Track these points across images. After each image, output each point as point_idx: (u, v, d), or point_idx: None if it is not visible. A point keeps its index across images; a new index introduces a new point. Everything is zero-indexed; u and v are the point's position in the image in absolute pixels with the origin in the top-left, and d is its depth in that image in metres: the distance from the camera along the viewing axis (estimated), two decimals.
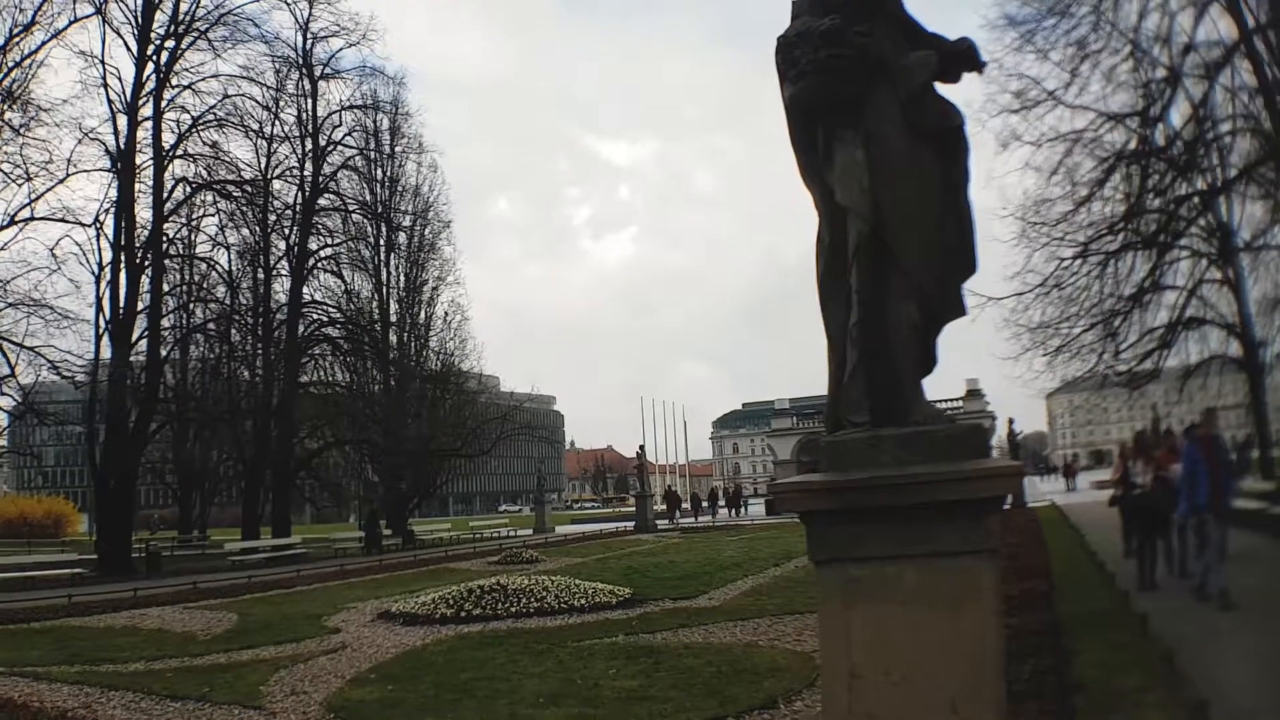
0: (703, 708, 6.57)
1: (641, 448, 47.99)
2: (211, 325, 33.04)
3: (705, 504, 52.88)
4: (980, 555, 3.16)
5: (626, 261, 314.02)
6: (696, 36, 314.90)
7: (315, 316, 35.07)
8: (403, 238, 41.78)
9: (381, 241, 40.52)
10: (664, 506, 49.59)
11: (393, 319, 41.01)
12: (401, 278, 41.75)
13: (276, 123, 33.46)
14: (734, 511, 52.11)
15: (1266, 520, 14.19)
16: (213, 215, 32.36)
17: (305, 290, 34.14)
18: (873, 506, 3.22)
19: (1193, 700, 5.35)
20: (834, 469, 3.38)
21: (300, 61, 34.43)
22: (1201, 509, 9.41)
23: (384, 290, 40.52)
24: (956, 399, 55.11)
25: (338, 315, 35.93)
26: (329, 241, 35.92)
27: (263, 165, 33.24)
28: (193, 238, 32.58)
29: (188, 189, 29.91)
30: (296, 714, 7.18)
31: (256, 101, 31.72)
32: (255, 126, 32.08)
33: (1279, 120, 17.16)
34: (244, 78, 30.49)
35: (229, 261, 33.79)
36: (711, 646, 9.27)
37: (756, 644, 9.27)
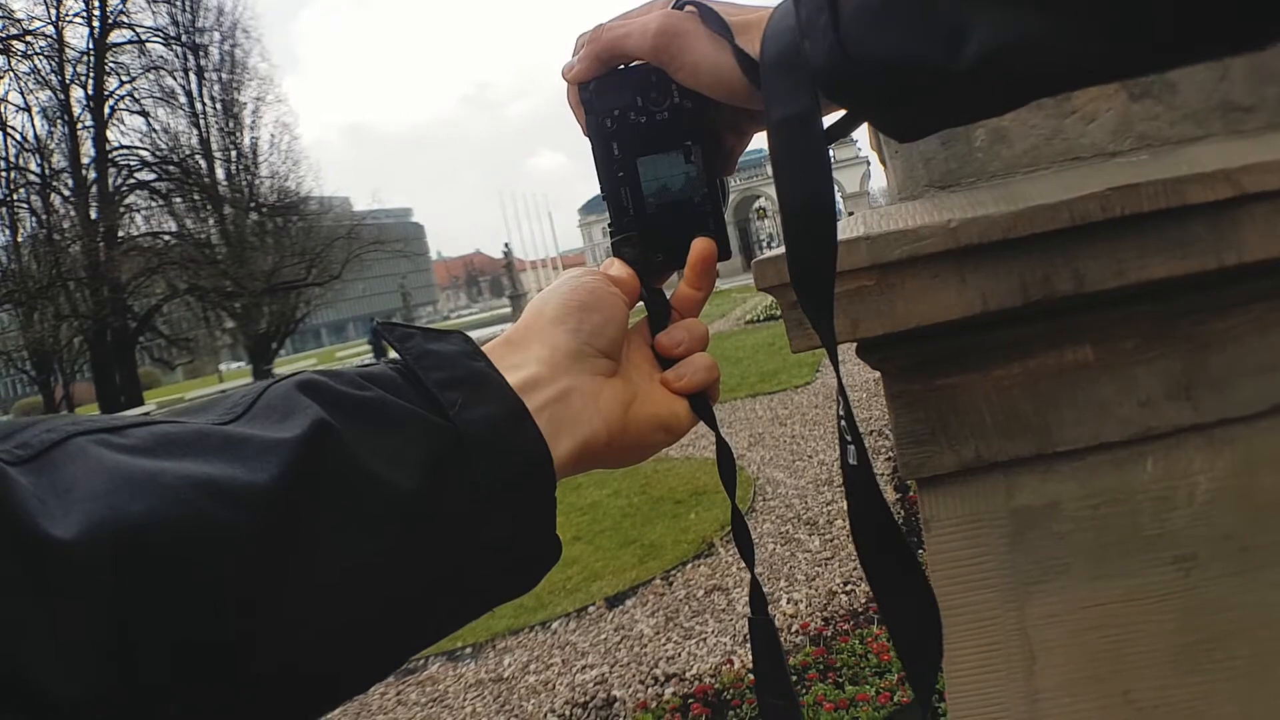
0: None
1: (507, 245, 44.13)
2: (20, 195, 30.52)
3: None
4: None
5: (462, 56, 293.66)
6: None
7: (125, 163, 32.61)
8: (214, 60, 38.10)
9: (190, 71, 36.93)
10: None
11: (216, 153, 38.21)
12: (218, 104, 38.47)
13: None
14: None
15: None
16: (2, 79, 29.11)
17: (111, 137, 31.83)
18: None
19: None
20: None
21: None
22: None
23: (203, 122, 37.43)
24: None
25: (150, 158, 33.42)
26: (125, 79, 32.89)
27: (53, 16, 29.81)
28: None
29: None
30: None
31: None
32: None
33: None
34: None
35: (31, 125, 30.84)
36: None
37: None
